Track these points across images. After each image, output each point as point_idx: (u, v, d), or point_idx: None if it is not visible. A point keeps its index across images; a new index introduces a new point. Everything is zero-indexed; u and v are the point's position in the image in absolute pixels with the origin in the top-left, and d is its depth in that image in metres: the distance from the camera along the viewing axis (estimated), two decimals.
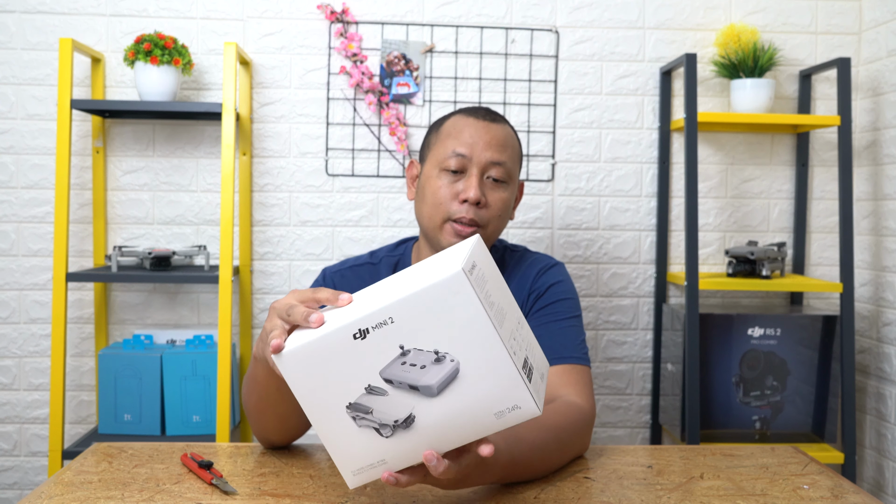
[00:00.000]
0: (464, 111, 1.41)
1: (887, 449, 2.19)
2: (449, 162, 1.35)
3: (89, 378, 2.24)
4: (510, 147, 1.38)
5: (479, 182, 1.34)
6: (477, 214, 1.34)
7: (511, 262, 1.46)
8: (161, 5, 2.20)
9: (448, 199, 1.35)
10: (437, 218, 1.36)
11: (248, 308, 2.24)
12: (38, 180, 2.20)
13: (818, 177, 2.34)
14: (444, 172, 1.36)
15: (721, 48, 2.20)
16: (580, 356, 1.32)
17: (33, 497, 1.01)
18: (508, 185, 1.38)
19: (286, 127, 2.24)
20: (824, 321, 2.16)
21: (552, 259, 1.46)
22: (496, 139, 1.36)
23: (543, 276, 1.41)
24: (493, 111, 1.41)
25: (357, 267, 1.47)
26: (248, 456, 1.20)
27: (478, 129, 1.36)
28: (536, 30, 2.26)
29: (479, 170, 1.35)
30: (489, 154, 1.35)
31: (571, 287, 1.42)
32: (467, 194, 1.33)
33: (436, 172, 1.37)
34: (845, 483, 1.11)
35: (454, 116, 1.40)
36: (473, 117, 1.38)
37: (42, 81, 2.19)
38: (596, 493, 1.05)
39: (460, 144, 1.35)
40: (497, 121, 1.39)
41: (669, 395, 2.21)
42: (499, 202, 1.36)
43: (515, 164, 1.40)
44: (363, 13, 2.22)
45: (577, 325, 1.37)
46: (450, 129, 1.38)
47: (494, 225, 1.37)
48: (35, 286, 2.22)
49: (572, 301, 1.40)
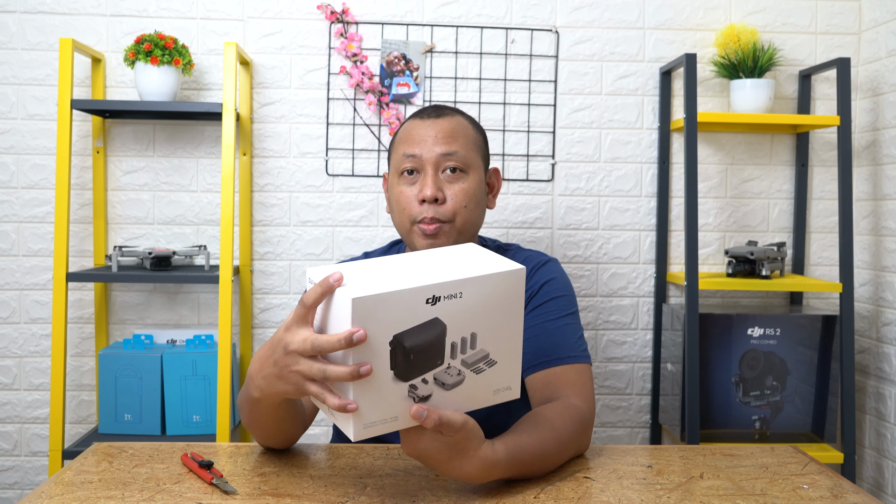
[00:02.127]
0: (414, 114, 1.42)
1: (887, 449, 2.19)
2: (403, 165, 1.36)
3: (89, 378, 2.24)
4: (461, 136, 1.37)
5: (433, 179, 1.34)
6: (437, 212, 1.33)
7: None
8: (161, 5, 2.20)
9: (410, 202, 1.35)
10: (405, 223, 1.36)
11: (249, 308, 2.24)
12: (39, 180, 2.20)
13: (818, 177, 2.35)
14: (402, 177, 1.37)
15: (721, 48, 2.20)
16: (578, 354, 1.30)
17: (34, 497, 1.01)
18: (468, 173, 1.36)
19: (286, 127, 2.24)
20: (824, 321, 2.16)
21: (545, 255, 1.45)
22: (442, 132, 1.35)
23: (536, 275, 1.40)
24: (441, 107, 1.41)
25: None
26: (249, 456, 1.21)
27: (424, 127, 1.36)
28: (536, 30, 2.26)
29: (433, 167, 1.34)
30: (438, 148, 1.34)
31: (566, 283, 1.41)
32: (423, 193, 1.33)
33: (396, 179, 1.38)
34: (845, 483, 1.11)
35: (406, 122, 1.42)
36: (419, 118, 1.39)
37: (42, 81, 2.19)
38: (596, 493, 1.05)
39: (409, 146, 1.36)
40: (444, 115, 1.38)
41: (669, 395, 2.22)
42: (460, 193, 1.35)
43: (471, 150, 1.38)
44: (363, 13, 2.23)
45: (573, 322, 1.36)
46: (402, 135, 1.40)
47: (463, 216, 1.35)
48: (35, 286, 2.22)
49: (567, 298, 1.38)
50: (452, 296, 0.93)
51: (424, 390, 0.95)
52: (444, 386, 0.96)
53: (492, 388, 1.00)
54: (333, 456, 1.18)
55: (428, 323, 0.92)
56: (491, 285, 0.95)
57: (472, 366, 0.98)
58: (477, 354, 0.97)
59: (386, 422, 0.95)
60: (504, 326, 0.98)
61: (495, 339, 0.98)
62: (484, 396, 1.00)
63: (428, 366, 0.94)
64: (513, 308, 0.98)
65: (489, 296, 0.96)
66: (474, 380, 0.98)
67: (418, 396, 0.95)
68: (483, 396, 1.00)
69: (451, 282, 0.93)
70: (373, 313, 0.89)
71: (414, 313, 0.91)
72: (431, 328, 0.93)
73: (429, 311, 0.92)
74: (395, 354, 0.92)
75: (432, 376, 0.95)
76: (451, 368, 0.96)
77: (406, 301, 0.91)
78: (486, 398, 1.01)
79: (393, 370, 0.92)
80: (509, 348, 1.00)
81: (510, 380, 1.02)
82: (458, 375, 0.97)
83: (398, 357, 0.92)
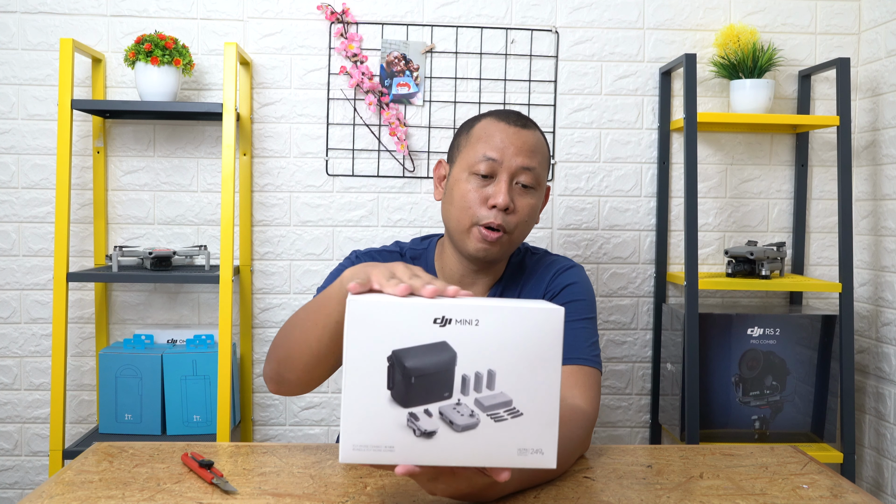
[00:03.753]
0: (495, 114, 1.40)
1: (886, 448, 2.19)
2: (479, 166, 1.34)
3: (90, 378, 2.24)
4: (540, 153, 1.37)
5: (508, 188, 1.33)
6: (504, 220, 1.33)
7: (530, 264, 1.46)
8: (161, 6, 2.20)
9: (477, 203, 1.34)
10: (464, 221, 1.35)
11: (249, 308, 2.24)
12: (39, 180, 2.21)
13: (817, 177, 2.35)
14: (473, 176, 1.35)
15: (720, 48, 2.21)
16: (589, 358, 1.31)
17: (34, 496, 1.01)
18: (537, 190, 1.37)
19: (286, 127, 2.24)
20: (823, 321, 2.16)
21: (571, 261, 1.46)
22: (527, 145, 1.35)
23: (559, 278, 1.42)
24: (524, 116, 1.40)
25: (385, 252, 1.47)
26: (249, 455, 1.21)
27: (509, 134, 1.35)
28: (536, 30, 2.26)
29: (509, 175, 1.34)
30: (520, 160, 1.34)
31: (587, 289, 1.42)
32: (496, 200, 1.32)
33: (465, 176, 1.36)
34: (844, 482, 1.11)
35: (485, 119, 1.39)
36: (505, 122, 1.37)
37: (43, 82, 2.19)
38: (596, 493, 1.06)
39: (491, 149, 1.34)
40: (528, 126, 1.38)
41: (669, 395, 2.22)
42: (526, 208, 1.35)
43: (544, 169, 1.39)
44: (363, 13, 2.23)
45: (589, 326, 1.37)
46: (480, 132, 1.37)
47: (521, 230, 1.37)
48: (36, 286, 2.22)
49: (586, 303, 1.39)
50: (466, 321, 0.85)
51: (428, 424, 0.86)
52: (452, 425, 0.86)
53: (516, 446, 0.87)
54: (333, 456, 1.19)
55: (435, 345, 0.85)
56: (516, 320, 0.86)
57: (488, 410, 0.87)
58: (496, 398, 0.87)
59: (379, 449, 0.87)
60: (533, 373, 0.87)
61: (521, 386, 0.87)
62: (506, 453, 0.87)
63: (433, 395, 0.86)
64: (546, 354, 0.87)
65: (513, 332, 0.86)
66: (492, 428, 0.87)
67: (420, 430, 0.86)
68: (505, 453, 0.87)
69: (464, 305, 0.85)
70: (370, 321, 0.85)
71: (418, 331, 0.85)
72: (439, 352, 0.86)
73: (437, 333, 0.85)
74: (392, 372, 0.85)
75: (438, 409, 0.87)
76: (461, 406, 0.86)
77: (409, 315, 0.85)
78: (509, 457, 0.87)
79: (391, 390, 0.86)
80: (540, 402, 0.87)
81: (542, 442, 0.87)
82: (472, 417, 0.87)
83: (396, 376, 0.86)
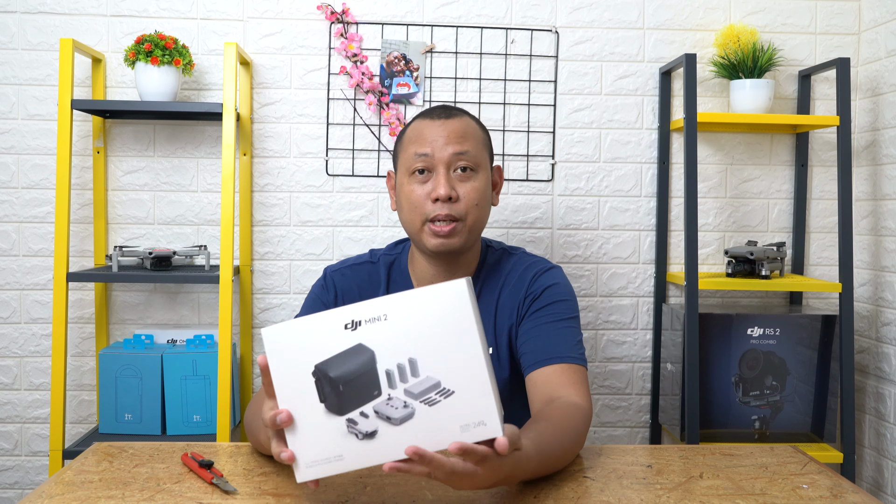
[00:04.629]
0: (422, 114, 1.45)
1: (886, 448, 2.19)
2: (414, 165, 1.39)
3: (90, 378, 2.24)
4: (471, 136, 1.40)
5: (446, 178, 1.37)
6: (452, 209, 1.36)
7: (508, 265, 1.47)
8: (161, 6, 2.20)
9: (422, 200, 1.38)
10: (416, 222, 1.39)
11: (249, 308, 2.24)
12: (39, 180, 2.21)
13: (817, 177, 2.35)
14: (413, 176, 1.39)
15: (720, 48, 2.21)
16: (577, 356, 1.33)
17: (34, 496, 1.01)
18: (478, 172, 1.40)
19: (286, 127, 2.24)
20: (823, 321, 2.16)
21: (549, 262, 1.48)
22: (454, 132, 1.38)
23: (540, 279, 1.43)
24: (449, 107, 1.44)
25: (357, 266, 1.50)
26: (249, 455, 1.21)
27: (435, 127, 1.39)
28: (536, 30, 2.26)
29: (445, 166, 1.37)
30: (451, 148, 1.37)
31: (568, 289, 1.43)
32: (437, 192, 1.36)
33: (406, 178, 1.40)
34: (844, 482, 1.11)
35: (413, 122, 1.44)
36: (430, 118, 1.42)
37: (43, 82, 2.19)
38: (595, 493, 1.06)
39: (421, 146, 1.38)
40: (453, 115, 1.41)
41: (669, 395, 2.22)
42: (471, 192, 1.38)
43: (480, 150, 1.41)
44: (363, 13, 2.23)
45: (574, 325, 1.38)
46: (411, 134, 1.42)
47: (474, 215, 1.39)
48: (36, 286, 2.22)
49: (569, 303, 1.41)
50: (375, 319, 0.87)
51: (367, 425, 0.88)
52: (390, 420, 0.88)
53: (457, 423, 0.88)
54: None
55: (352, 350, 0.87)
56: (422, 303, 0.86)
57: (420, 396, 0.88)
58: (424, 383, 0.87)
59: (329, 461, 0.89)
60: (454, 350, 0.87)
61: (445, 365, 0.87)
62: (449, 433, 0.88)
63: (364, 397, 0.88)
64: (460, 328, 0.86)
65: (422, 315, 0.86)
66: (429, 413, 0.88)
67: (361, 433, 0.88)
68: (448, 433, 0.88)
69: (369, 304, 0.87)
70: (287, 344, 0.86)
71: (333, 341, 0.86)
72: (357, 355, 0.87)
73: (350, 338, 0.87)
74: (321, 386, 0.87)
75: (373, 409, 0.88)
76: (393, 400, 0.88)
77: (320, 327, 0.86)
78: (454, 435, 0.88)
79: (324, 403, 0.88)
80: (469, 376, 0.87)
81: (481, 414, 0.87)
82: (406, 408, 0.88)
83: (325, 389, 0.87)
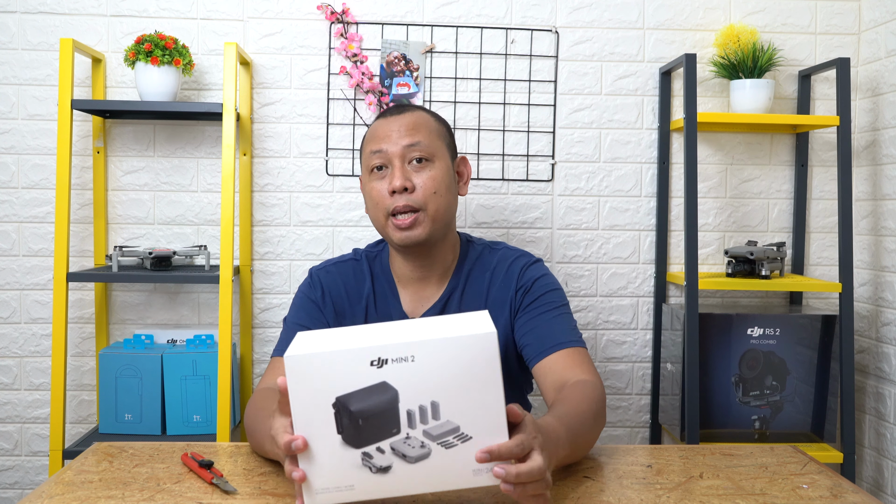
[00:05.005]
0: (377, 115, 1.50)
1: (886, 448, 2.19)
2: (372, 162, 1.42)
3: (90, 378, 2.24)
4: (423, 127, 1.43)
5: (401, 170, 1.40)
6: (410, 199, 1.39)
7: (493, 260, 1.50)
8: (161, 6, 2.20)
9: (382, 196, 1.41)
10: (380, 218, 1.42)
11: (249, 308, 2.24)
12: (39, 180, 2.21)
13: (817, 177, 2.35)
14: (372, 174, 1.43)
15: (720, 48, 2.20)
16: (576, 339, 1.38)
17: (34, 496, 1.01)
18: (434, 161, 1.42)
19: (286, 127, 2.24)
20: (823, 321, 2.16)
21: (532, 255, 1.52)
22: (405, 125, 1.42)
23: (528, 271, 1.47)
24: (404, 104, 1.49)
25: (341, 263, 1.53)
26: (249, 455, 1.21)
27: (387, 123, 1.43)
28: (536, 30, 2.26)
29: (399, 159, 1.41)
30: (403, 141, 1.41)
31: (555, 280, 1.49)
32: (393, 184, 1.39)
33: (367, 177, 1.45)
34: (844, 482, 1.11)
35: (371, 124, 1.48)
36: (383, 117, 1.47)
37: (43, 82, 2.19)
38: (595, 493, 1.06)
39: (375, 143, 1.43)
40: (405, 110, 1.46)
41: (669, 395, 2.22)
42: (428, 181, 1.41)
43: (434, 140, 1.44)
44: (363, 13, 2.23)
45: (567, 312, 1.44)
46: (368, 134, 1.47)
47: (435, 203, 1.41)
48: (36, 286, 2.22)
49: (559, 291, 1.46)
50: (402, 359, 0.87)
51: (382, 460, 0.90)
52: (405, 458, 0.90)
53: (470, 468, 0.90)
54: None
55: (376, 387, 0.88)
56: (451, 350, 0.88)
57: (438, 438, 0.90)
58: (443, 426, 0.89)
59: (340, 490, 0.90)
60: (476, 397, 0.88)
61: (466, 412, 0.89)
62: (461, 476, 0.90)
63: (382, 434, 0.89)
64: (485, 376, 0.88)
65: (450, 361, 0.88)
66: (444, 455, 0.90)
67: (375, 467, 0.90)
68: (460, 476, 0.90)
69: (398, 344, 0.87)
70: (309, 373, 0.87)
71: (357, 375, 0.87)
72: (380, 392, 0.88)
73: (375, 375, 0.87)
74: (340, 418, 0.88)
75: (389, 446, 0.90)
76: (411, 439, 0.89)
77: (346, 362, 0.87)
78: (465, 479, 0.90)
79: (341, 434, 0.89)
80: (488, 424, 0.89)
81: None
82: (422, 448, 0.90)
83: (344, 421, 0.88)
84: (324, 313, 1.47)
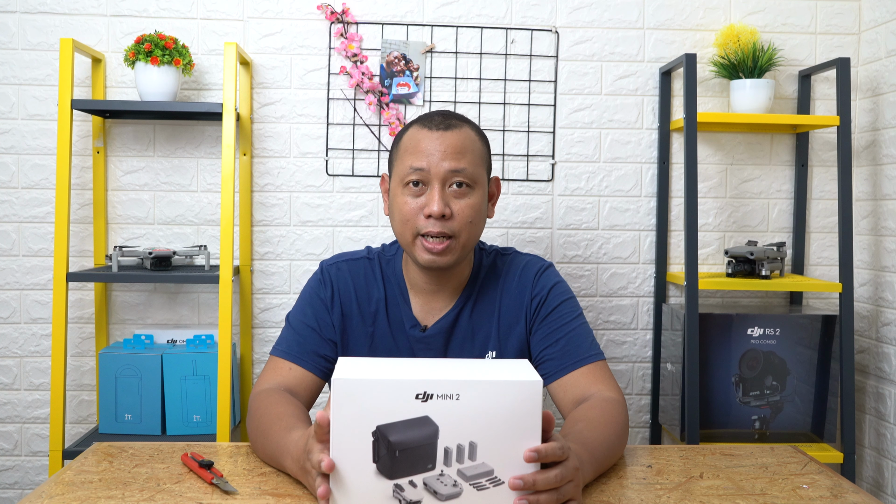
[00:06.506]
0: (420, 120, 1.39)
1: (886, 448, 2.19)
2: (409, 177, 1.34)
3: (90, 378, 2.24)
4: (469, 151, 1.35)
5: (441, 194, 1.32)
6: (445, 226, 1.32)
7: (504, 267, 1.47)
8: (161, 6, 2.20)
9: (414, 214, 1.34)
10: (407, 234, 1.35)
11: (249, 308, 2.24)
12: (39, 180, 2.21)
13: (817, 177, 2.35)
14: (406, 188, 1.35)
15: (720, 48, 2.20)
16: (597, 353, 1.37)
17: (34, 496, 1.01)
18: (475, 189, 1.35)
19: (286, 127, 2.24)
20: (824, 321, 2.16)
21: (544, 260, 1.48)
22: (452, 147, 1.33)
23: (542, 279, 1.44)
24: (449, 115, 1.38)
25: (353, 261, 1.48)
26: (249, 455, 1.21)
27: (433, 139, 1.34)
28: (536, 30, 2.26)
29: (440, 182, 1.32)
30: (447, 164, 1.32)
31: (567, 286, 1.47)
32: (431, 209, 1.31)
33: (400, 189, 1.36)
34: (844, 482, 1.11)
35: (411, 129, 1.39)
36: (427, 128, 1.35)
37: (43, 81, 2.19)
38: (595, 493, 1.06)
39: (417, 159, 1.33)
40: (453, 126, 1.36)
41: (669, 395, 2.22)
42: (466, 210, 1.34)
43: (478, 166, 1.36)
44: (363, 13, 2.23)
45: (584, 322, 1.42)
46: (407, 142, 1.37)
47: (468, 232, 1.35)
48: (36, 286, 2.22)
49: (574, 300, 1.44)
50: (447, 396, 0.88)
51: (413, 494, 0.90)
52: (436, 495, 0.90)
53: None
54: None
55: (417, 420, 0.88)
56: (496, 393, 0.89)
57: (471, 479, 0.91)
58: (478, 468, 0.90)
59: None
60: (514, 443, 0.90)
61: (502, 456, 0.90)
62: None
63: (417, 468, 0.90)
64: (525, 424, 0.90)
65: (494, 405, 0.89)
66: (475, 496, 0.91)
67: (405, 500, 0.90)
68: None
69: (445, 381, 0.88)
70: (354, 398, 0.87)
71: (400, 406, 0.88)
72: (421, 426, 0.89)
73: (418, 408, 0.88)
74: (377, 447, 0.89)
75: (422, 480, 0.90)
76: (444, 476, 0.90)
77: (392, 391, 0.87)
78: None
79: (376, 463, 0.89)
80: (521, 471, 0.91)
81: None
82: (455, 487, 0.90)
83: (381, 451, 0.89)
84: (331, 315, 1.42)
